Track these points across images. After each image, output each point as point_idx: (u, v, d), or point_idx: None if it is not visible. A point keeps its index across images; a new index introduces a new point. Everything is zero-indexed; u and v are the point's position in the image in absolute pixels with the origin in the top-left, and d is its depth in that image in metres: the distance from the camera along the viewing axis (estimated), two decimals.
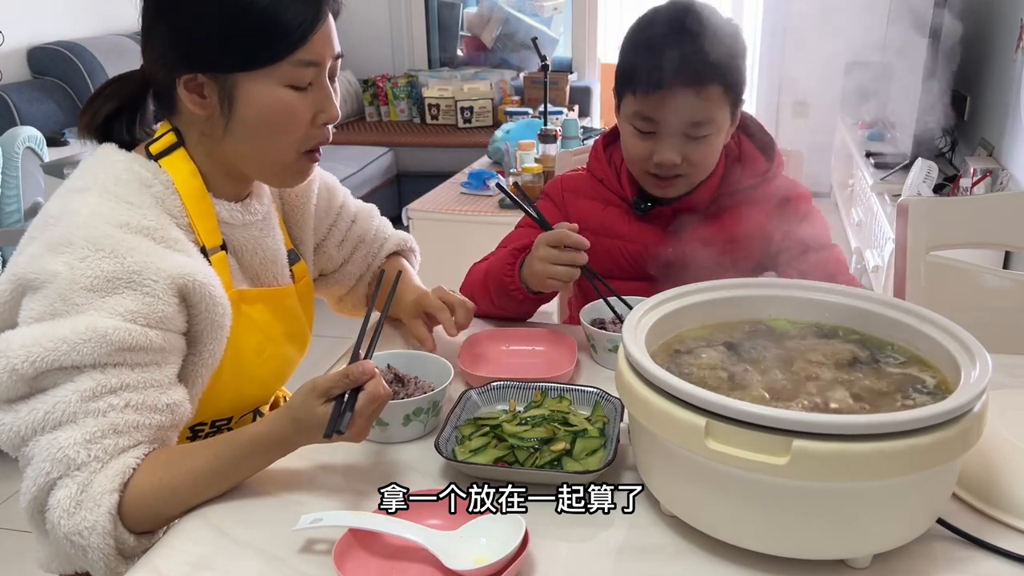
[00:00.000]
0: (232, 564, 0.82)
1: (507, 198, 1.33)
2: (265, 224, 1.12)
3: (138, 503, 0.88)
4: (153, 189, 0.99)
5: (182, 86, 0.98)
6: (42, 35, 3.71)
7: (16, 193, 2.62)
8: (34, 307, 0.89)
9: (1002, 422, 0.92)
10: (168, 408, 0.93)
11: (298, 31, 0.96)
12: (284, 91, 0.98)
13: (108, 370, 0.88)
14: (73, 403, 0.86)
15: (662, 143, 1.26)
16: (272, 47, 0.96)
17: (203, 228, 1.02)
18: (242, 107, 0.98)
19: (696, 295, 1.00)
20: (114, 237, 0.91)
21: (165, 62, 0.99)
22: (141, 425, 0.90)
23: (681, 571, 0.80)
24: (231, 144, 1.01)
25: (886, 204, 3.16)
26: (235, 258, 1.08)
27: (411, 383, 1.07)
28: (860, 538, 0.77)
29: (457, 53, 5.65)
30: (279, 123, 0.99)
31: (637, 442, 0.89)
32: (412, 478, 0.95)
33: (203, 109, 0.99)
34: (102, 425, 0.87)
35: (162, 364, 0.93)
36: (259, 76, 0.97)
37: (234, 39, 0.96)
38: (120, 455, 0.88)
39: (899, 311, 0.95)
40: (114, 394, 0.88)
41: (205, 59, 0.97)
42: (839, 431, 0.71)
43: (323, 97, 1.02)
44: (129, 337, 0.88)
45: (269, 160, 1.03)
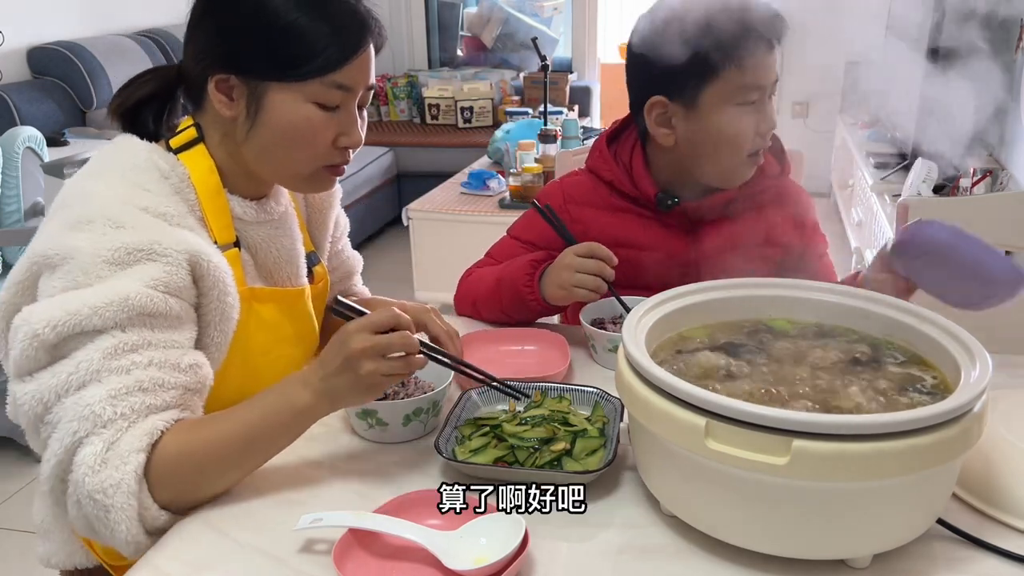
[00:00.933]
0: (232, 564, 0.82)
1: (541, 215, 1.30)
2: (281, 223, 1.12)
3: (164, 467, 0.86)
4: (170, 180, 1.00)
5: (213, 85, 0.99)
6: (42, 35, 3.71)
7: (16, 193, 2.62)
8: (55, 283, 0.89)
9: (1002, 422, 0.92)
10: (191, 368, 0.92)
11: (337, 54, 0.97)
12: (310, 108, 0.99)
13: (129, 330, 0.88)
14: (96, 361, 0.86)
15: (763, 110, 1.24)
16: (308, 64, 0.97)
17: (217, 224, 1.03)
18: (267, 115, 0.99)
19: (696, 295, 1.00)
20: (134, 215, 0.93)
21: (203, 58, 1.00)
22: (166, 384, 0.89)
23: (681, 571, 0.80)
24: (251, 148, 1.02)
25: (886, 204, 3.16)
26: (250, 255, 1.09)
27: (411, 383, 1.07)
28: (860, 538, 0.77)
29: (457, 53, 5.66)
30: (299, 138, 1.00)
31: (637, 442, 0.89)
32: (412, 478, 0.95)
33: (230, 110, 1.00)
34: (127, 382, 0.86)
35: (179, 328, 0.94)
36: (289, 89, 0.98)
37: (273, 49, 0.97)
38: (148, 415, 0.87)
39: (899, 311, 0.95)
40: (136, 352, 0.88)
41: (241, 62, 0.98)
42: (839, 431, 0.71)
43: (348, 122, 1.02)
44: (150, 302, 0.89)
45: (285, 170, 1.04)
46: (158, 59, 4.04)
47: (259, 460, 0.92)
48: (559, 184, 1.42)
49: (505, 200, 3.18)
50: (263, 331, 1.08)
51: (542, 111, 3.69)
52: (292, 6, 0.96)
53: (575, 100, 5.10)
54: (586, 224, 1.33)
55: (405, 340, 0.89)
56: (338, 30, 0.97)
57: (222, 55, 0.99)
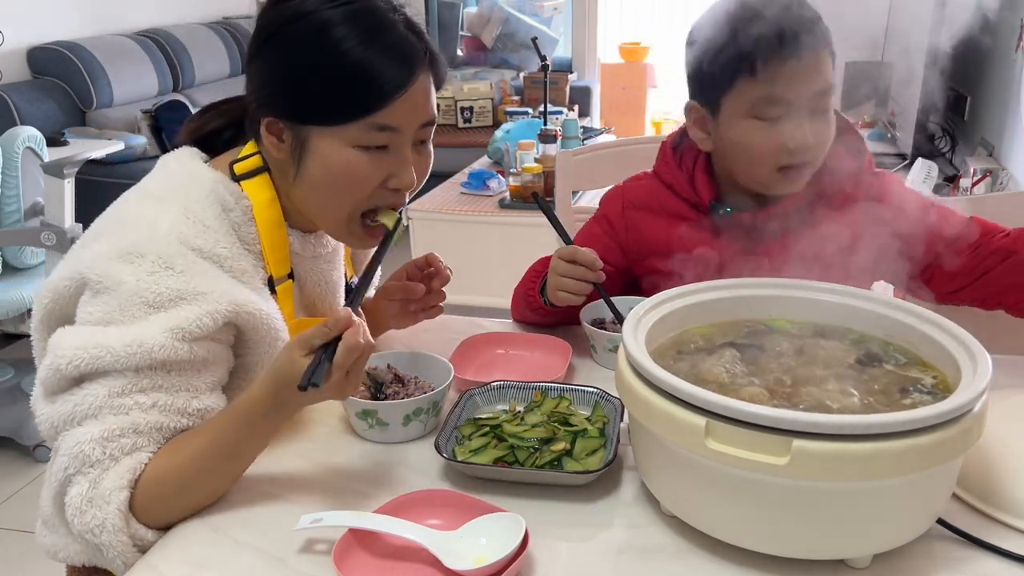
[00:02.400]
0: (232, 564, 0.82)
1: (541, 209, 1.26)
2: (333, 256, 1.12)
3: (148, 495, 0.87)
4: (232, 215, 0.98)
5: (264, 127, 0.98)
6: (42, 35, 3.71)
7: (16, 193, 2.62)
8: (92, 310, 0.90)
9: (1002, 422, 0.92)
10: (198, 413, 0.92)
11: (376, 95, 0.94)
12: (352, 152, 0.95)
13: (144, 373, 0.88)
14: (100, 398, 0.87)
15: (793, 124, 1.14)
16: (347, 107, 0.94)
17: (274, 258, 1.02)
18: (310, 160, 0.97)
19: (696, 295, 1.00)
20: (187, 258, 0.92)
21: (254, 99, 0.99)
22: (164, 427, 0.89)
23: (681, 571, 0.80)
24: (298, 192, 1.01)
25: None
26: (298, 287, 1.08)
27: (411, 383, 1.07)
28: (860, 538, 0.77)
29: (457, 53, 5.66)
30: (341, 184, 0.97)
31: (637, 442, 0.89)
32: (412, 478, 0.95)
33: (279, 153, 0.99)
34: (122, 423, 0.87)
35: (202, 371, 0.93)
36: (331, 133, 0.95)
37: (312, 91, 0.95)
38: (134, 453, 0.88)
39: (899, 311, 0.95)
40: (143, 393, 0.88)
41: (284, 106, 0.96)
42: (839, 431, 0.71)
43: (399, 164, 0.98)
44: (174, 355, 0.88)
45: (329, 215, 1.02)
46: (158, 59, 4.04)
47: (238, 466, 0.91)
48: (622, 188, 1.36)
49: (505, 200, 3.18)
50: None
51: (542, 111, 3.69)
52: (331, 46, 0.93)
53: (575, 100, 5.10)
54: (641, 231, 1.30)
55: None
56: (379, 69, 0.93)
57: (268, 98, 0.97)
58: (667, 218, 1.28)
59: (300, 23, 0.94)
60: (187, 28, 4.42)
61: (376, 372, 1.08)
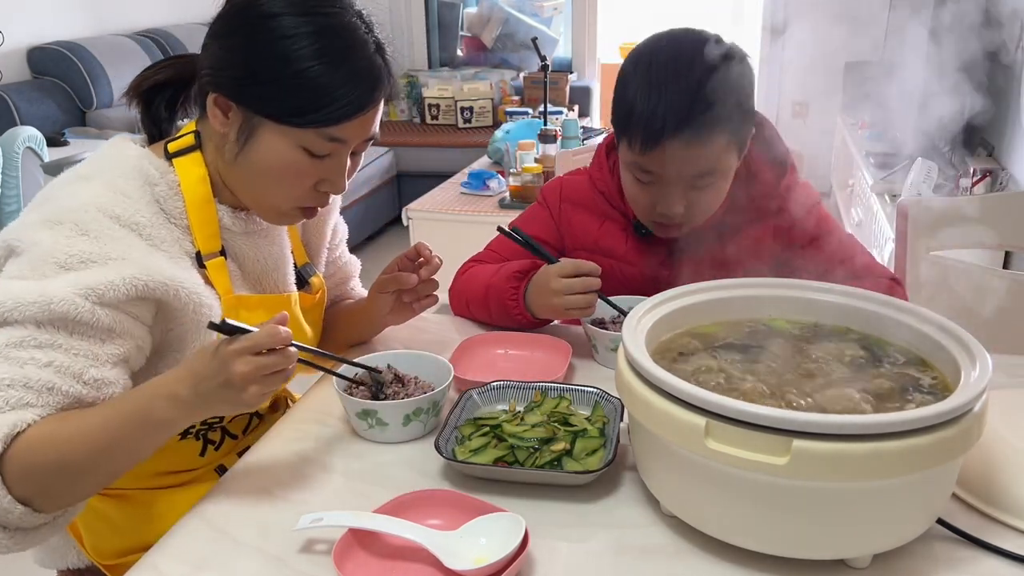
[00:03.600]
0: (232, 564, 0.82)
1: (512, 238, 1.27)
2: (270, 232, 1.12)
3: (21, 460, 0.83)
4: (157, 188, 0.99)
5: (212, 100, 0.99)
6: (42, 35, 3.71)
7: (16, 193, 2.62)
8: (10, 269, 0.90)
9: (1002, 422, 0.92)
10: (95, 383, 0.89)
11: (338, 112, 0.96)
12: (299, 152, 0.98)
13: (45, 328, 0.87)
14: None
15: (664, 194, 1.18)
16: (307, 116, 0.95)
17: (202, 233, 1.02)
18: (255, 149, 0.98)
19: (696, 295, 1.00)
20: (102, 224, 0.93)
21: (210, 72, 0.99)
22: (56, 389, 0.86)
23: (681, 571, 0.80)
24: (235, 172, 1.02)
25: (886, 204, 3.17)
26: (236, 264, 1.09)
27: (411, 383, 1.07)
28: (860, 538, 0.77)
29: (457, 53, 5.66)
30: (282, 179, 1.00)
31: (637, 442, 0.89)
32: (412, 478, 0.95)
33: (222, 128, 1.00)
34: (14, 374, 0.84)
35: (106, 341, 0.91)
36: (282, 131, 0.97)
37: (276, 91, 0.95)
38: (20, 409, 0.84)
39: (899, 311, 0.95)
40: (40, 349, 0.86)
41: (242, 93, 0.97)
42: (839, 431, 0.71)
43: (335, 170, 1.01)
44: (73, 310, 0.87)
45: (263, 202, 1.04)
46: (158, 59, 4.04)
47: (122, 463, 0.89)
48: (560, 182, 1.41)
49: (505, 200, 3.17)
50: None
51: (542, 111, 3.69)
52: (303, 56, 0.94)
53: (575, 100, 5.10)
54: (574, 226, 1.35)
55: (286, 359, 0.84)
56: (345, 89, 0.95)
57: (226, 79, 0.97)
58: (598, 218, 1.33)
59: (277, 23, 0.95)
60: (187, 28, 4.42)
61: (376, 372, 1.08)
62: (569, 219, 1.36)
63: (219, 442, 1.12)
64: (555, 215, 1.38)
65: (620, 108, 1.18)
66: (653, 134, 1.12)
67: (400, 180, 4.80)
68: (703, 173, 1.16)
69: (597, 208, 1.34)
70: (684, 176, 1.16)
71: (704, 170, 1.15)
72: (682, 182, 1.16)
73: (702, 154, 1.13)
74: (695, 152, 1.13)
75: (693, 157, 1.13)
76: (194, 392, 0.84)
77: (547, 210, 1.39)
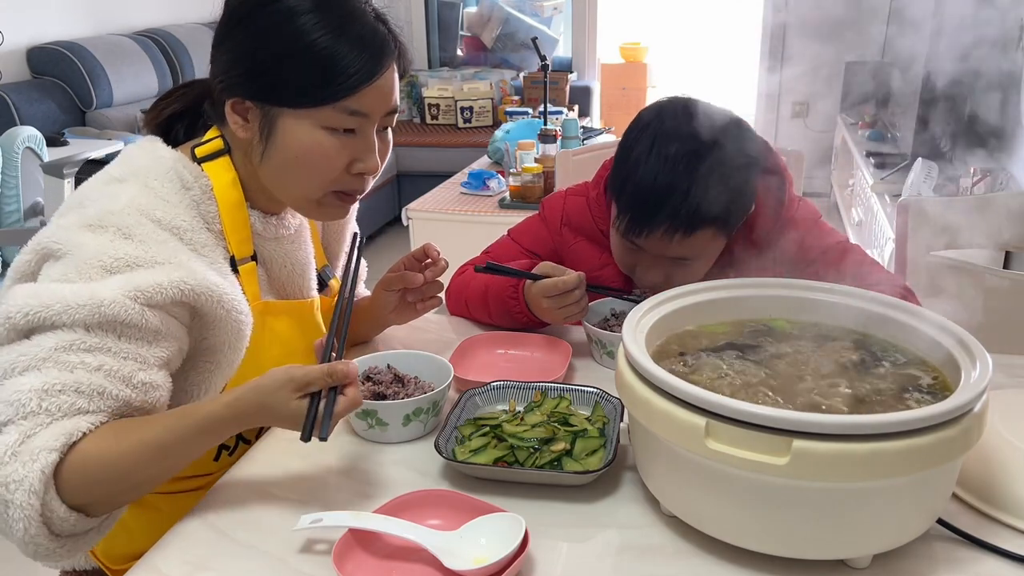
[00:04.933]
0: (232, 564, 0.82)
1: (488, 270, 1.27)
2: (297, 237, 1.12)
3: (78, 468, 0.82)
4: (191, 192, 0.99)
5: (229, 107, 0.99)
6: (42, 35, 3.71)
7: (16, 193, 2.62)
8: (52, 272, 0.89)
9: (1002, 422, 0.92)
10: (143, 387, 0.89)
11: (349, 81, 0.95)
12: (321, 134, 0.97)
13: (94, 332, 0.87)
14: (46, 350, 0.84)
15: (645, 265, 1.21)
16: (320, 91, 0.95)
17: (235, 238, 1.02)
18: (279, 140, 0.98)
19: (696, 295, 1.00)
20: (145, 228, 0.93)
21: (222, 79, 1.00)
22: (107, 394, 0.86)
23: (681, 571, 0.80)
24: (265, 170, 1.02)
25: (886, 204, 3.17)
26: (264, 268, 1.09)
27: (411, 383, 1.07)
28: (860, 538, 0.76)
29: (457, 53, 5.66)
30: (311, 163, 0.99)
31: (637, 442, 0.89)
32: (412, 478, 0.95)
33: (245, 132, 1.00)
34: (65, 379, 0.83)
35: (152, 343, 0.91)
36: (300, 115, 0.97)
37: (285, 75, 0.96)
38: (74, 416, 0.84)
39: (899, 311, 0.95)
40: (90, 353, 0.86)
41: (253, 87, 0.97)
42: (839, 431, 0.71)
43: (364, 148, 1.00)
44: (123, 312, 0.87)
45: (297, 194, 1.03)
46: (158, 59, 4.04)
47: (171, 469, 0.88)
48: (562, 203, 1.39)
49: (505, 200, 3.18)
50: (277, 345, 1.08)
51: (542, 111, 3.69)
52: (304, 32, 0.94)
53: (575, 100, 5.10)
54: (574, 252, 1.36)
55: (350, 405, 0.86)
56: (352, 57, 0.95)
57: (237, 79, 0.98)
58: (599, 249, 1.33)
59: (273, 7, 0.96)
60: (187, 28, 4.42)
61: (376, 372, 1.08)
62: (569, 244, 1.37)
63: (233, 448, 1.12)
64: (554, 236, 1.38)
65: (616, 176, 1.20)
66: (639, 220, 1.15)
67: (400, 180, 4.80)
68: (686, 257, 1.18)
69: (598, 239, 1.34)
70: (667, 255, 1.18)
71: (686, 256, 1.18)
72: (664, 259, 1.19)
73: (686, 243, 1.15)
74: (678, 243, 1.15)
75: (676, 245, 1.16)
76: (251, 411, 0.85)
77: (547, 229, 1.39)
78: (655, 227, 1.14)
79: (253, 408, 0.85)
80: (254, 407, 0.85)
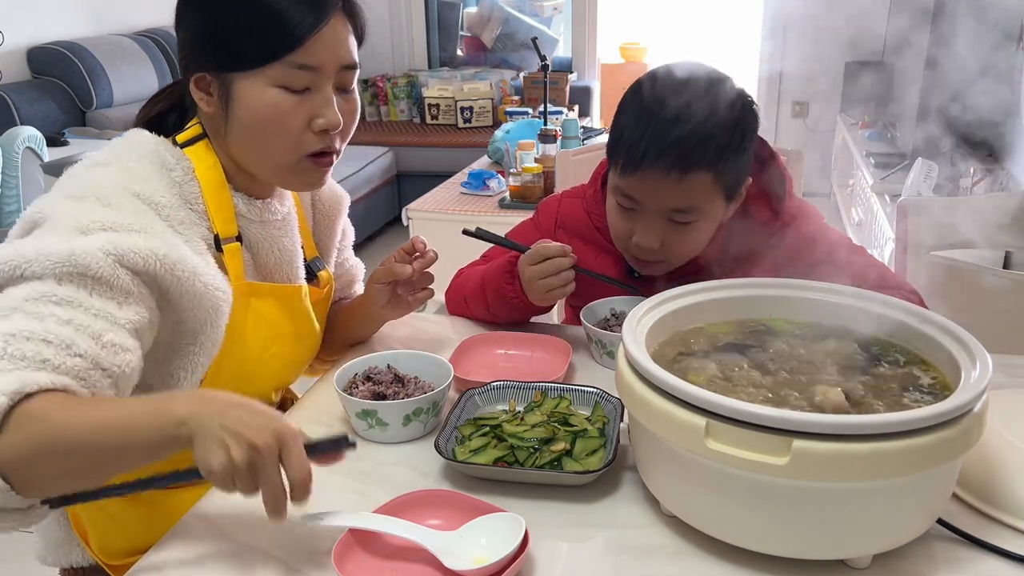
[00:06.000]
0: (232, 564, 0.82)
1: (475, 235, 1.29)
2: (284, 225, 1.13)
3: (15, 421, 0.76)
4: (173, 173, 1.01)
5: (193, 84, 1.01)
6: (42, 35, 3.71)
7: (16, 193, 2.62)
8: (32, 235, 0.90)
9: (1002, 422, 0.92)
10: (112, 347, 0.85)
11: (293, 32, 0.96)
12: (275, 92, 0.98)
13: (65, 284, 0.85)
14: (17, 300, 0.83)
15: (642, 225, 1.17)
16: (265, 48, 0.97)
17: (219, 217, 1.03)
18: (237, 106, 0.99)
19: (696, 295, 1.00)
20: (124, 198, 0.94)
21: (183, 62, 1.02)
22: (75, 348, 0.82)
23: (681, 571, 0.80)
24: (233, 143, 1.03)
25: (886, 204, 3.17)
26: (250, 253, 1.09)
27: (411, 383, 1.07)
28: (860, 538, 0.77)
29: (457, 53, 5.66)
30: (269, 124, 0.99)
31: (637, 442, 0.89)
32: (412, 478, 0.95)
33: (209, 107, 1.01)
34: (33, 327, 0.81)
35: (123, 305, 0.88)
36: (252, 76, 0.98)
37: (232, 39, 0.98)
38: (38, 369, 0.79)
39: (899, 311, 0.95)
40: (60, 306, 0.83)
41: (208, 58, 0.99)
42: (839, 431, 0.71)
43: (321, 102, 1.00)
44: (96, 264, 0.85)
45: (267, 161, 1.03)
46: (158, 59, 4.04)
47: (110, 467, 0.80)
48: (556, 205, 1.39)
49: (505, 200, 3.18)
50: (261, 327, 1.08)
51: (542, 111, 3.69)
52: None
53: (575, 100, 5.10)
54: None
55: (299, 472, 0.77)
56: (293, 10, 0.95)
57: (193, 54, 1.00)
58: (595, 249, 1.32)
59: None
60: None
61: (376, 372, 1.08)
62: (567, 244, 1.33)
63: None
64: (547, 238, 1.33)
65: (613, 132, 1.19)
66: (634, 157, 1.12)
67: (400, 180, 4.80)
68: (681, 208, 1.14)
69: (594, 239, 1.33)
70: (662, 208, 1.15)
71: (682, 206, 1.14)
72: (660, 215, 1.16)
73: (680, 187, 1.11)
74: (673, 183, 1.11)
75: (671, 188, 1.12)
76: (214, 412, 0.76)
77: (539, 232, 1.38)
78: (649, 163, 1.11)
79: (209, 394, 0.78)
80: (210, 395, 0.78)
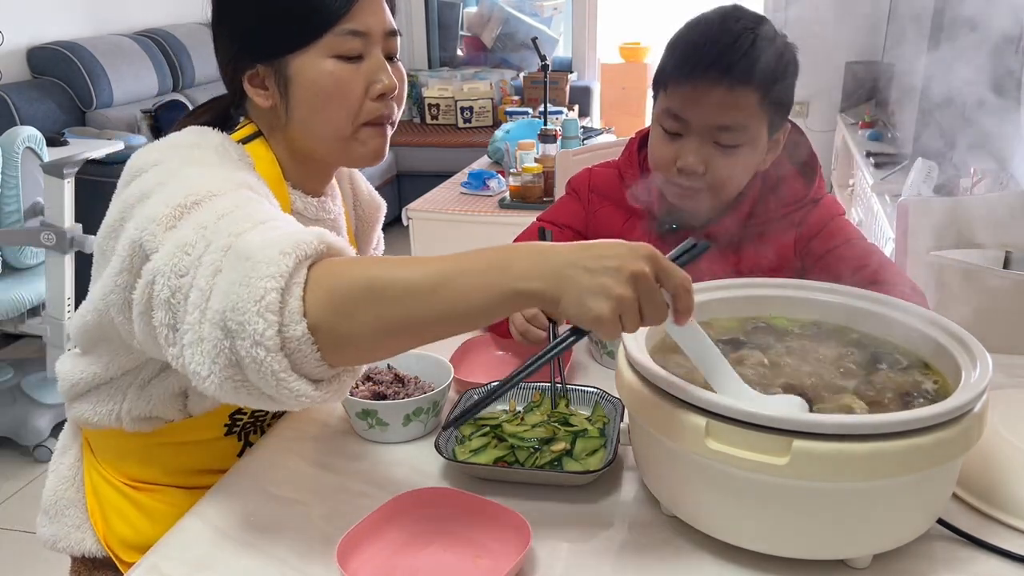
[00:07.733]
0: (232, 564, 0.82)
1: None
2: (335, 225, 1.14)
3: (331, 271, 0.73)
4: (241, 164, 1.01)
5: (247, 82, 1.01)
6: (42, 35, 3.70)
7: (16, 193, 2.62)
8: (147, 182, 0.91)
9: (1002, 422, 0.92)
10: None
11: (338, 2, 0.97)
12: (331, 62, 0.98)
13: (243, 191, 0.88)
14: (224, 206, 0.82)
15: (687, 145, 1.18)
16: (312, 21, 0.97)
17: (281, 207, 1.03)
18: (296, 87, 1.00)
19: (696, 295, 0.99)
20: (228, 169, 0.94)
21: (231, 63, 1.02)
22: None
23: (681, 571, 0.80)
24: (295, 128, 1.03)
25: (886, 204, 3.16)
26: None
27: (411, 383, 1.07)
28: (860, 538, 0.77)
29: (457, 53, 5.66)
30: (331, 96, 0.99)
31: (637, 442, 0.89)
32: (412, 478, 0.95)
33: (267, 100, 1.02)
34: (249, 196, 0.86)
35: None
36: (307, 53, 0.98)
37: (278, 21, 0.98)
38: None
39: (899, 311, 0.95)
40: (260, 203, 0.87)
41: (258, 48, 1.00)
42: (839, 431, 0.71)
43: (376, 67, 1.01)
44: (247, 181, 0.91)
45: (329, 135, 1.03)
46: (158, 59, 4.04)
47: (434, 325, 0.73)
48: (588, 173, 1.42)
49: (505, 200, 3.18)
50: None
51: (542, 111, 3.69)
52: None
53: (575, 100, 5.10)
54: (599, 217, 1.36)
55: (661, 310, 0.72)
56: None
57: (241, 50, 1.01)
58: (624, 212, 1.33)
59: None
60: (187, 28, 4.41)
61: (376, 372, 1.08)
62: (596, 210, 1.37)
63: None
64: (584, 204, 1.39)
65: (663, 58, 1.22)
66: (686, 69, 1.16)
67: (400, 180, 4.80)
68: (727, 127, 1.16)
69: (623, 202, 1.33)
70: (709, 124, 1.16)
71: (728, 122, 1.15)
72: (707, 135, 1.17)
73: (729, 101, 1.14)
74: (722, 95, 1.14)
75: (719, 101, 1.14)
76: (568, 263, 0.69)
77: (577, 201, 1.40)
78: (700, 71, 1.14)
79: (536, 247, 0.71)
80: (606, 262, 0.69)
